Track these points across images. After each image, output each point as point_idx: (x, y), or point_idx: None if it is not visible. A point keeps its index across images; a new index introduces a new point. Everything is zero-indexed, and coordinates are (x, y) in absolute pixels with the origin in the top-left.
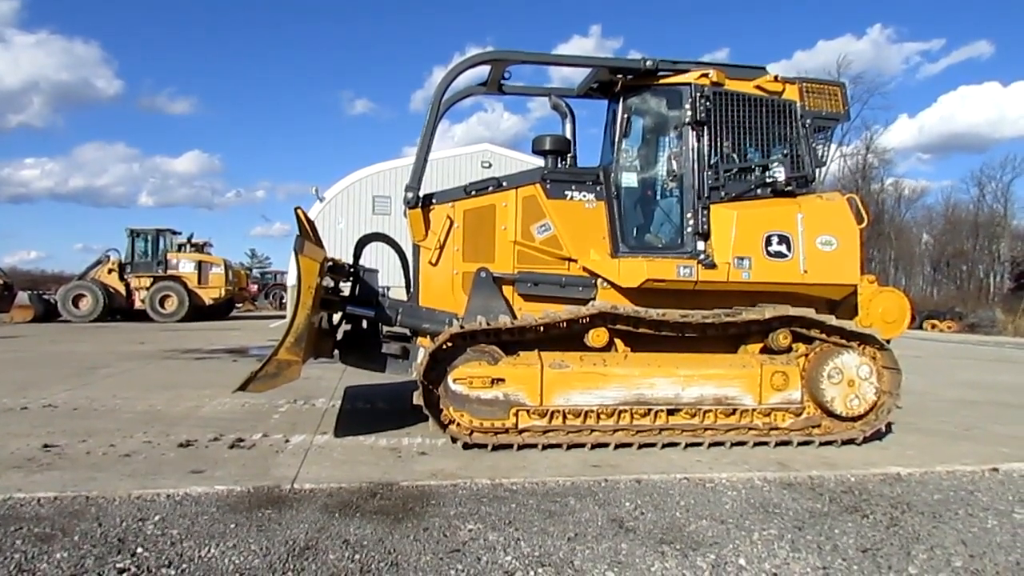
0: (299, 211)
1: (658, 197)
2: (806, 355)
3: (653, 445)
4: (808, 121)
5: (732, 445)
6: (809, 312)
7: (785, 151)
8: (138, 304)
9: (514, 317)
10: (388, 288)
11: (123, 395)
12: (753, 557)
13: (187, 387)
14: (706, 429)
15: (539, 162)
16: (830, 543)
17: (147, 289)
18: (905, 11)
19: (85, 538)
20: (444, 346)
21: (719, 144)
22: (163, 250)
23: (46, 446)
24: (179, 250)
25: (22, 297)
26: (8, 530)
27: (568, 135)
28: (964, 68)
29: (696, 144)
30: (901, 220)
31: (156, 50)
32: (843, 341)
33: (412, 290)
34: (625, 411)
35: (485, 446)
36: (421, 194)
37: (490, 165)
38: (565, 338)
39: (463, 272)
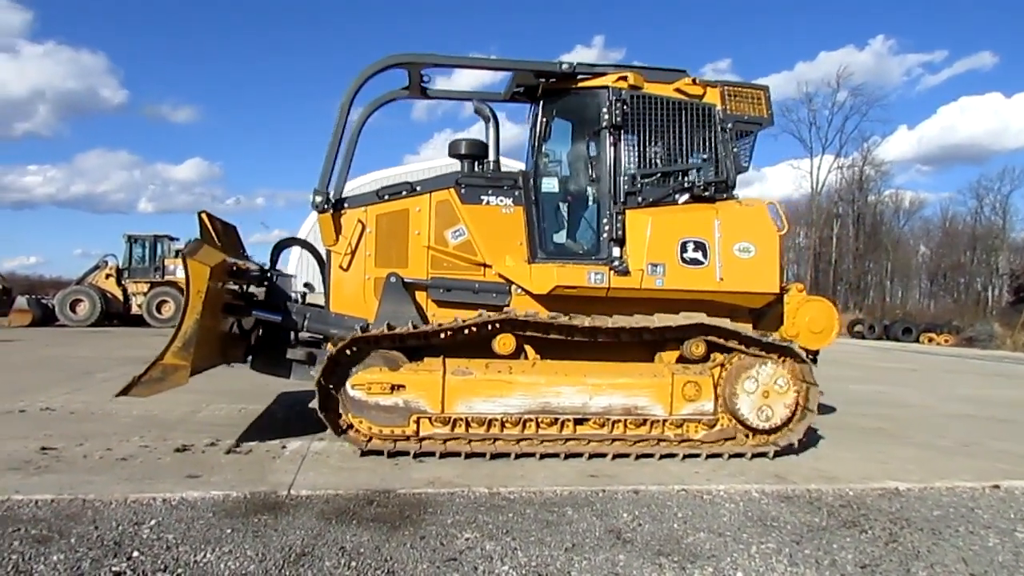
0: (202, 215)
1: (576, 203)
2: (722, 365)
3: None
4: (729, 125)
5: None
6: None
7: (705, 155)
8: (135, 309)
9: (426, 323)
10: (305, 293)
11: (121, 399)
12: (751, 571)
13: (183, 392)
14: (616, 440)
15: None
16: (828, 558)
17: (144, 294)
18: (908, 22)
19: (82, 541)
20: (347, 351)
21: (636, 148)
22: (160, 256)
23: (43, 449)
24: (176, 256)
25: (20, 302)
26: (6, 531)
27: (492, 140)
28: (966, 79)
29: (612, 148)
30: (899, 232)
31: (161, 59)
32: (761, 352)
33: (324, 295)
34: (531, 420)
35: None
36: (334, 198)
37: None
38: (474, 345)
39: (375, 277)
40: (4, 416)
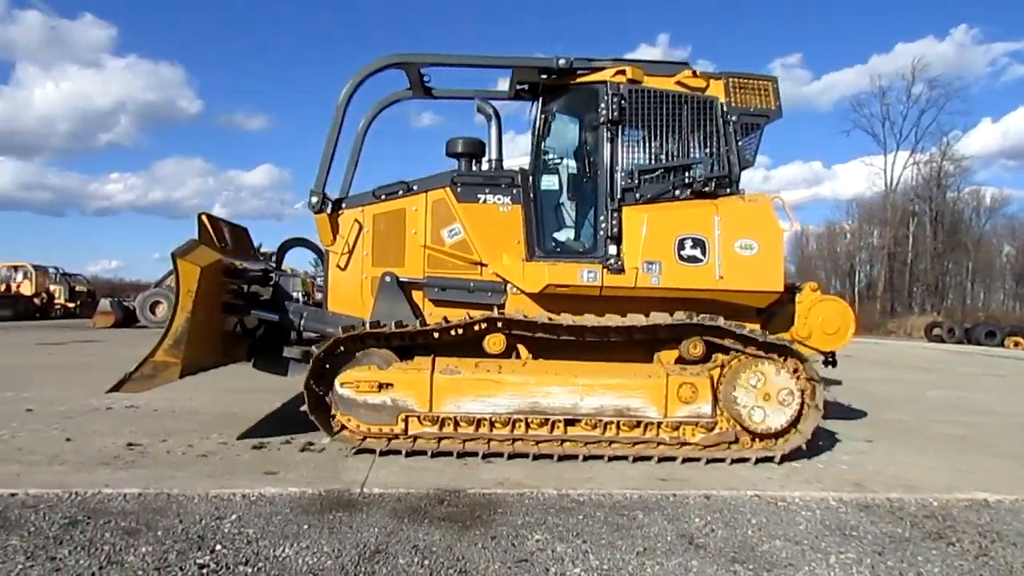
0: (202, 216)
1: (574, 200)
2: (722, 366)
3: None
4: (734, 118)
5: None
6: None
7: (707, 150)
8: None
9: (423, 322)
10: (308, 293)
11: (199, 397)
12: None
13: (258, 391)
14: (610, 442)
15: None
16: (913, 571)
17: None
18: (994, 10)
19: (168, 534)
20: (333, 352)
21: (635, 144)
22: None
23: (130, 445)
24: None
25: (104, 304)
26: (98, 523)
27: (494, 138)
28: None
29: (610, 144)
30: (980, 231)
31: (234, 70)
32: (760, 352)
33: (322, 295)
34: (520, 420)
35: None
36: (340, 199)
37: None
38: (466, 344)
39: (372, 277)
40: (92, 413)
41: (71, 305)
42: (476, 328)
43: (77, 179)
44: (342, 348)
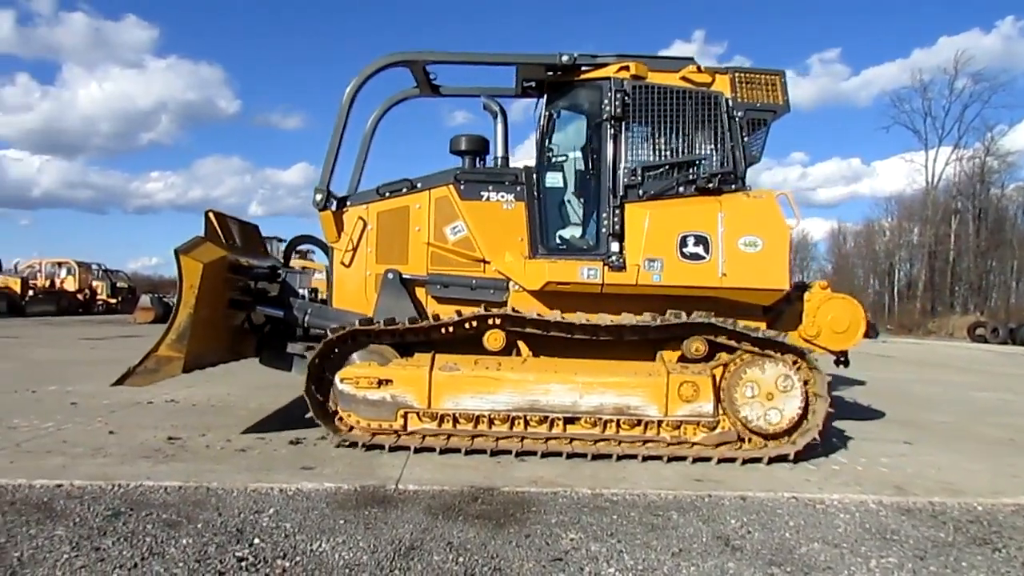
0: (208, 214)
1: (578, 197)
2: (725, 365)
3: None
4: (739, 113)
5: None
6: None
7: (711, 146)
8: None
9: (425, 319)
10: (316, 289)
11: (236, 392)
12: None
13: (293, 387)
14: (609, 440)
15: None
16: None
17: None
18: None
19: (207, 527)
20: (332, 350)
21: (639, 140)
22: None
23: (170, 438)
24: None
25: (144, 300)
26: (140, 514)
27: (500, 136)
28: None
29: (612, 140)
30: None
31: (272, 70)
32: (766, 350)
33: (328, 291)
34: (519, 417)
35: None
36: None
37: None
38: (468, 341)
39: (376, 274)
40: (134, 407)
41: (113, 301)
42: (466, 326)
43: (119, 178)
44: (336, 349)
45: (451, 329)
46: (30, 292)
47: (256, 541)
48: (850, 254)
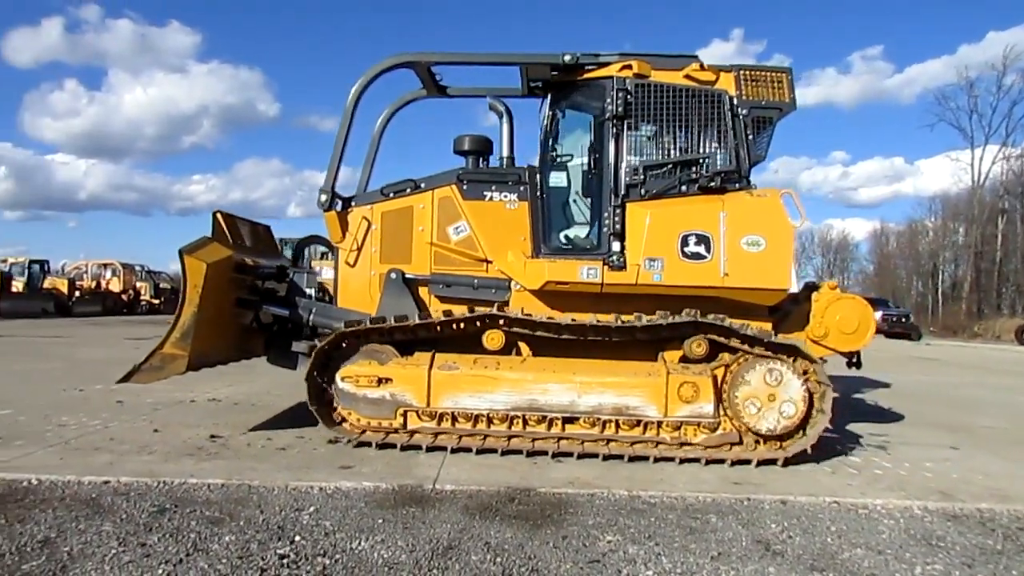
0: (216, 214)
1: (580, 197)
2: (727, 366)
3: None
4: (744, 112)
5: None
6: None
7: (715, 144)
8: None
9: (428, 318)
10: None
11: (276, 391)
12: None
13: None
14: (608, 441)
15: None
16: None
17: None
18: None
19: (249, 524)
20: (341, 344)
21: (641, 139)
22: (308, 257)
23: (212, 436)
24: (322, 258)
25: None
26: (184, 511)
27: (506, 135)
28: None
29: (615, 139)
30: None
31: (311, 73)
32: (769, 351)
33: (333, 291)
34: (518, 417)
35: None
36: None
37: None
38: (469, 340)
39: (380, 273)
40: (178, 406)
41: (156, 301)
42: (456, 326)
43: (162, 180)
44: (339, 346)
45: (440, 328)
46: (76, 293)
47: (297, 539)
48: (893, 255)
